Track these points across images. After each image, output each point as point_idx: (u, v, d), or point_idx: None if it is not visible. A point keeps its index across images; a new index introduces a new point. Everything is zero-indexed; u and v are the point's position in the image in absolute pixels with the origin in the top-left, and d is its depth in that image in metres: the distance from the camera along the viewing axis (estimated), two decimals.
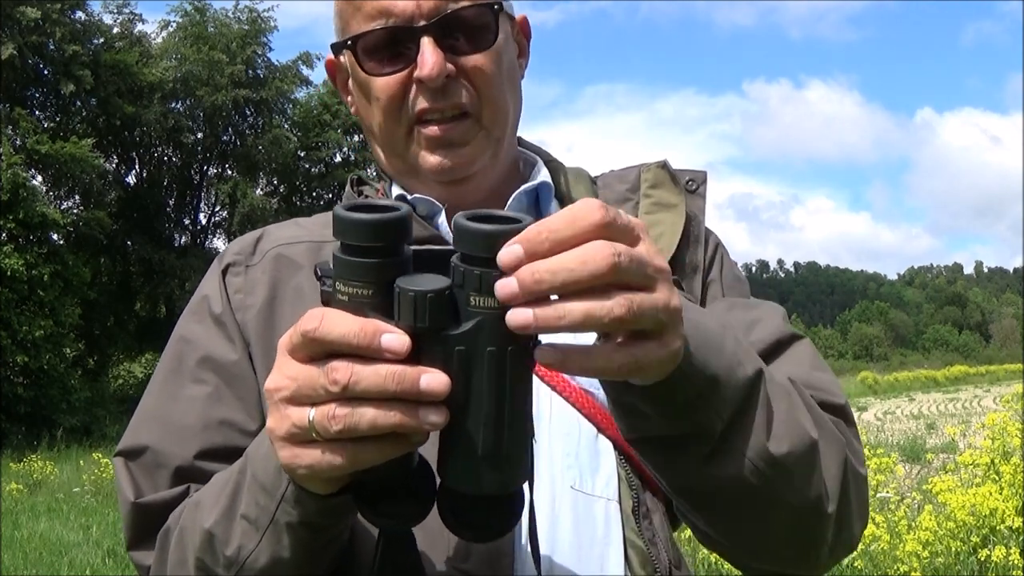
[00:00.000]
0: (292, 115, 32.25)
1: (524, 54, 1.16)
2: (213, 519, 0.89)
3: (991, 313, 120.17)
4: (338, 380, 0.68)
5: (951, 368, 61.34)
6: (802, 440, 0.86)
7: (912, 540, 5.29)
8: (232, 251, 1.12)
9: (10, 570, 7.90)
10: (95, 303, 25.69)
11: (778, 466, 0.83)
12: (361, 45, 1.04)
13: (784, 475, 0.84)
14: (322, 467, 0.72)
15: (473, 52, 1.04)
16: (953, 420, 19.63)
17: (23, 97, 26.06)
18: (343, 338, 0.68)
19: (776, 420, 0.84)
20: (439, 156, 1.05)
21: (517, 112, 1.12)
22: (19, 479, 13.38)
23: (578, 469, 1.00)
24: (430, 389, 0.67)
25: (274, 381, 0.74)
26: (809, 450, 0.86)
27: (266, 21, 30.97)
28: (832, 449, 0.90)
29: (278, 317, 1.06)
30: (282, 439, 0.74)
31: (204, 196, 33.20)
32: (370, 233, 0.69)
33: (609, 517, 0.99)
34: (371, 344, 0.68)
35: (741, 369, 0.82)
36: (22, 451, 17.13)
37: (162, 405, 1.06)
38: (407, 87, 1.04)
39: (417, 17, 1.01)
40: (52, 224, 22.79)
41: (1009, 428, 6.62)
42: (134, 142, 30.72)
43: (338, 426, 0.69)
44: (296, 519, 0.81)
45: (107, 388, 26.56)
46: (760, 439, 0.83)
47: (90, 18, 27.51)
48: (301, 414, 0.71)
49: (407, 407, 0.68)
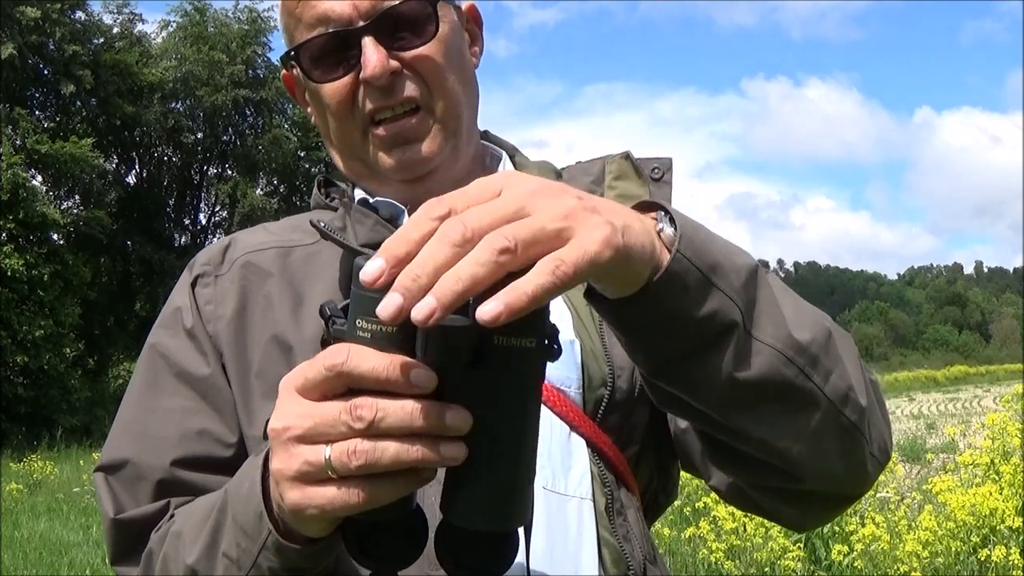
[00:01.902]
0: (292, 115, 32.24)
1: (477, 42, 1.14)
2: (195, 556, 0.89)
3: (991, 313, 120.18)
4: (363, 416, 0.67)
5: (951, 368, 61.39)
6: (820, 327, 0.84)
7: (912, 540, 5.29)
8: (201, 261, 1.12)
9: (10, 570, 7.91)
10: (95, 303, 25.73)
11: (806, 354, 0.81)
12: (305, 54, 1.04)
13: (814, 364, 0.81)
14: (335, 506, 0.70)
15: (417, 46, 1.03)
16: (953, 420, 19.62)
17: (23, 97, 26.08)
18: (372, 372, 0.67)
19: (789, 309, 0.82)
20: (396, 155, 1.05)
21: (473, 102, 1.11)
22: (19, 479, 13.38)
23: (550, 469, 0.99)
24: (455, 425, 0.67)
25: (282, 421, 0.72)
26: (828, 338, 0.84)
27: (266, 21, 31.02)
28: (845, 342, 0.88)
29: (248, 325, 1.05)
30: (292, 479, 0.72)
31: (204, 196, 33.26)
32: None
33: (582, 516, 0.99)
34: (401, 379, 0.67)
35: (740, 257, 0.79)
36: (22, 451, 17.14)
37: (140, 418, 1.05)
38: (355, 90, 1.03)
39: (355, 19, 1.01)
40: (52, 224, 22.82)
41: (1009, 428, 6.62)
42: (134, 142, 30.74)
43: (359, 461, 0.67)
44: (278, 566, 0.81)
45: (107, 388, 26.55)
46: (782, 327, 0.80)
47: (90, 18, 27.55)
48: (316, 453, 0.69)
49: (428, 442, 0.67)
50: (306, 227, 1.12)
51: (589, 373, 1.02)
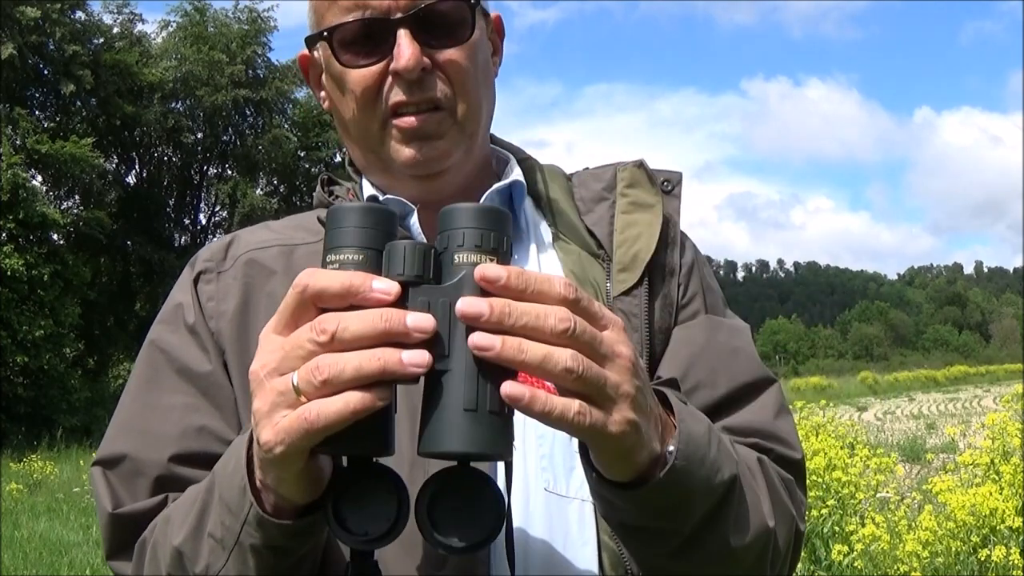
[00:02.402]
0: (292, 115, 32.27)
1: (498, 52, 1.15)
2: (182, 537, 0.89)
3: (991, 313, 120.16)
4: (326, 329, 0.69)
5: (951, 368, 61.39)
6: (761, 530, 0.92)
7: (912, 540, 5.28)
8: (203, 258, 1.12)
9: (10, 570, 7.91)
10: (95, 303, 25.72)
11: (735, 554, 0.89)
12: (337, 37, 1.04)
13: (738, 562, 0.90)
14: (304, 428, 0.70)
15: (449, 46, 1.03)
16: (953, 420, 19.62)
17: (23, 97, 26.07)
18: (334, 283, 0.70)
19: (740, 516, 0.89)
20: (413, 149, 1.05)
21: (490, 109, 1.11)
22: (19, 479, 13.38)
23: (552, 471, 1.00)
24: (418, 326, 0.69)
25: (257, 361, 0.74)
26: (764, 537, 0.93)
27: (266, 21, 31.04)
28: (783, 528, 0.97)
29: (251, 322, 1.05)
30: (267, 414, 0.73)
31: (204, 196, 33.26)
32: (364, 214, 0.74)
33: (583, 518, 0.99)
34: (362, 285, 0.70)
35: (719, 476, 0.86)
36: (22, 451, 17.14)
37: (140, 413, 1.05)
38: (382, 80, 1.03)
39: (393, 10, 1.01)
40: (52, 224, 22.81)
41: (1009, 428, 6.62)
42: (134, 142, 30.74)
43: (322, 376, 0.68)
44: (260, 542, 0.81)
45: (107, 388, 26.54)
46: (725, 536, 0.88)
47: (90, 18, 27.55)
48: (285, 380, 0.71)
49: (390, 351, 0.69)
50: (309, 225, 1.12)
51: None
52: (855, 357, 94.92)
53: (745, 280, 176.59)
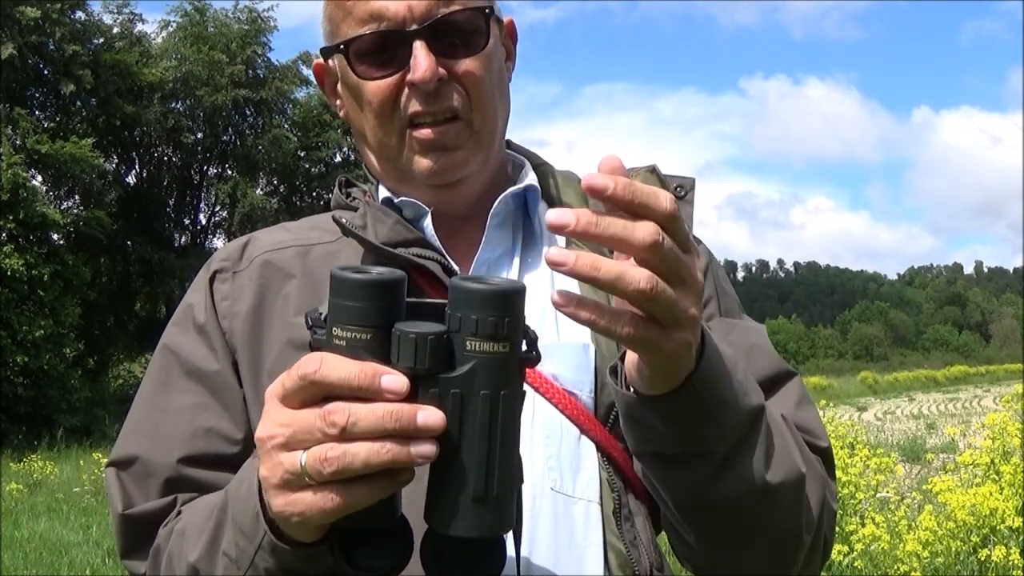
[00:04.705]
0: (292, 115, 32.24)
1: (511, 57, 1.16)
2: (197, 554, 0.91)
3: (991, 313, 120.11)
4: (336, 422, 0.69)
5: (951, 368, 61.40)
6: (794, 473, 0.91)
7: (912, 540, 5.29)
8: (219, 257, 1.13)
9: (10, 570, 7.90)
10: (95, 303, 25.68)
11: (771, 493, 0.89)
12: (353, 49, 1.04)
13: (775, 502, 0.90)
14: (314, 512, 0.72)
15: (465, 56, 1.04)
16: (953, 420, 19.62)
17: (23, 97, 26.04)
18: (344, 380, 0.69)
19: (773, 451, 0.89)
20: (431, 160, 1.06)
21: (506, 116, 1.12)
22: (19, 479, 13.37)
23: (559, 471, 1.00)
24: (427, 424, 0.69)
25: (266, 430, 0.74)
26: (798, 482, 0.92)
27: (266, 21, 30.99)
28: (815, 484, 0.97)
29: (264, 324, 1.06)
30: (276, 487, 0.74)
31: (204, 196, 33.22)
32: (369, 290, 0.71)
33: (589, 519, 1.00)
34: (371, 385, 0.69)
35: (747, 399, 0.86)
36: (22, 451, 17.13)
37: (151, 416, 1.07)
38: (399, 91, 1.04)
39: (409, 21, 1.01)
40: (52, 224, 22.78)
41: (1009, 428, 6.62)
42: (134, 142, 30.71)
43: (331, 468, 0.69)
44: (274, 566, 0.83)
45: (107, 388, 26.55)
46: (759, 466, 0.87)
47: (90, 18, 27.50)
48: (293, 460, 0.72)
49: (399, 442, 0.69)
50: (326, 226, 1.13)
51: (603, 379, 1.02)
52: (855, 357, 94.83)
53: (745, 280, 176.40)
